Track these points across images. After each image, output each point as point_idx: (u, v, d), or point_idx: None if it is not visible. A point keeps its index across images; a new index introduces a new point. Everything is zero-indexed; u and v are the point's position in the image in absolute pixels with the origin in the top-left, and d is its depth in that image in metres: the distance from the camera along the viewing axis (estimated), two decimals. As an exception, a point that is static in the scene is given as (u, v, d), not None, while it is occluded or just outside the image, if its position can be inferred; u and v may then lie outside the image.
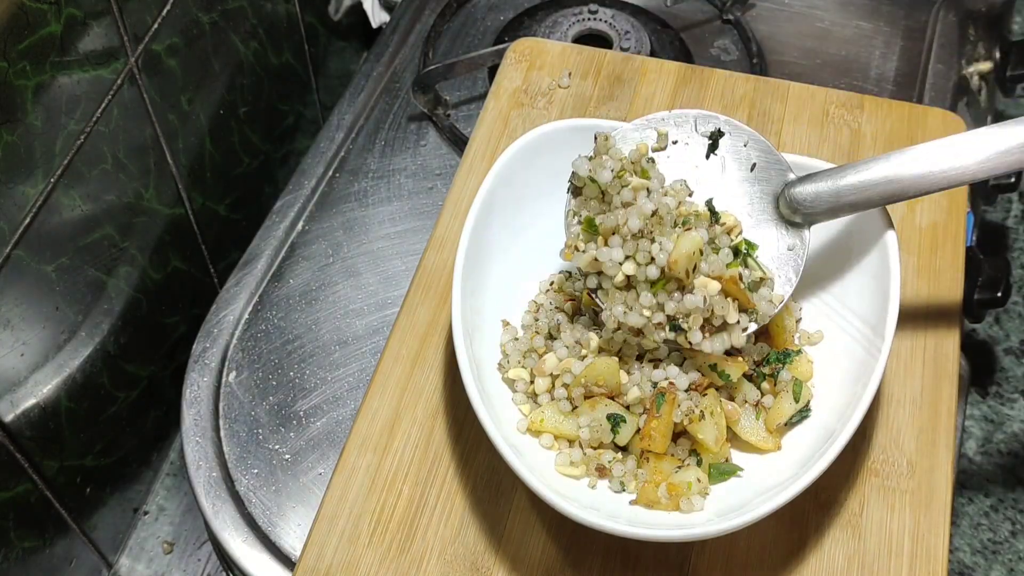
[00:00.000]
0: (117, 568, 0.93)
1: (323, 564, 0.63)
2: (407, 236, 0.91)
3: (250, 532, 0.76)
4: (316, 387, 0.83)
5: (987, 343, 1.13)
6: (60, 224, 0.75)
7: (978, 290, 0.88)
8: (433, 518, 0.64)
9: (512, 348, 0.66)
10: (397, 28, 1.07)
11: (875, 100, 0.81)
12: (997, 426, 1.07)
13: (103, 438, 0.87)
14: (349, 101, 1.01)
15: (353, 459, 0.66)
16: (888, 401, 0.67)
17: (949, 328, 0.70)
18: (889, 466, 0.65)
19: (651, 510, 0.60)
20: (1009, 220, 1.20)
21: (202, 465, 0.79)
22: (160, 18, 0.82)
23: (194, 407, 0.82)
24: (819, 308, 0.68)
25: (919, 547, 0.62)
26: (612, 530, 0.56)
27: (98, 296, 0.82)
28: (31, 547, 0.80)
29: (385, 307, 0.87)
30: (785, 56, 1.04)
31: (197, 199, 0.94)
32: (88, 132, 0.76)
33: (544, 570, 0.62)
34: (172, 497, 0.97)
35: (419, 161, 0.96)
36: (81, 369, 0.82)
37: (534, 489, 0.57)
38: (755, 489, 0.60)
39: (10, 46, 0.66)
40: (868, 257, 0.66)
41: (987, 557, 1.00)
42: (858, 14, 1.07)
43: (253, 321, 0.86)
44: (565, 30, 1.00)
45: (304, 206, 0.93)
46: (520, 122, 0.80)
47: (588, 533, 0.63)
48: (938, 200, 0.75)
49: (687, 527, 0.58)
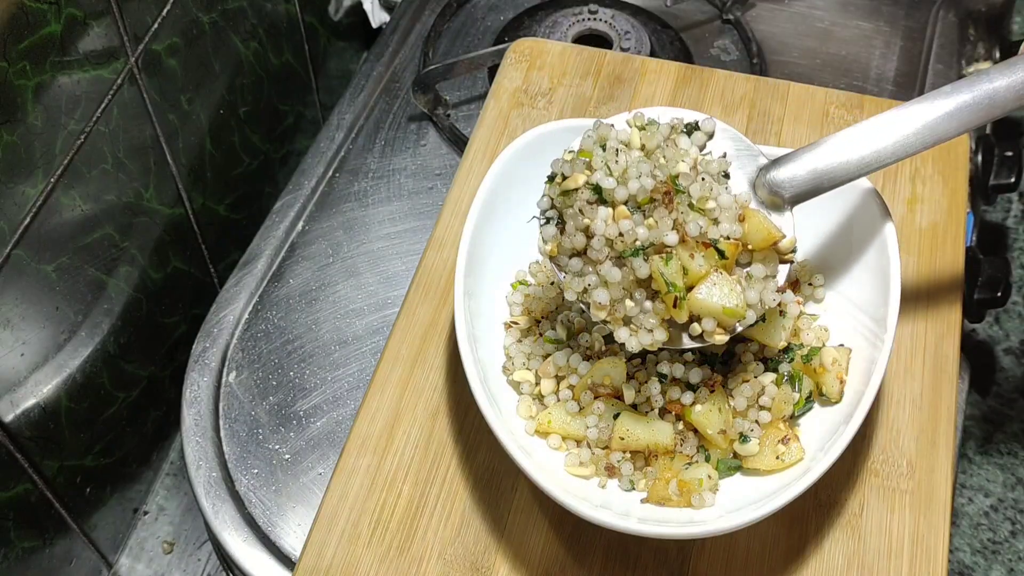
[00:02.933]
0: (117, 568, 0.93)
1: (323, 564, 0.63)
2: (407, 236, 0.91)
3: (250, 532, 0.76)
4: (316, 387, 0.83)
5: (987, 343, 1.13)
6: (60, 224, 0.75)
7: (978, 290, 0.88)
8: (433, 518, 0.64)
9: (516, 350, 0.66)
10: (397, 28, 1.07)
11: (875, 100, 0.81)
12: (997, 426, 1.07)
13: (103, 438, 0.87)
14: (349, 101, 1.01)
15: (353, 459, 0.66)
16: (888, 401, 0.67)
17: (949, 328, 0.70)
18: (889, 466, 0.65)
19: (662, 508, 0.60)
20: (1009, 220, 1.20)
21: (202, 465, 0.79)
22: (160, 18, 0.82)
23: (194, 407, 0.82)
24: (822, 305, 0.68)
25: (919, 547, 0.62)
26: (625, 528, 0.56)
27: (98, 296, 0.82)
28: (31, 547, 0.80)
29: (385, 307, 0.87)
30: (785, 56, 1.04)
31: (197, 199, 0.94)
32: (88, 132, 0.76)
33: (544, 570, 0.63)
34: (172, 497, 0.97)
35: (419, 161, 0.96)
36: (81, 369, 0.82)
37: (546, 491, 0.57)
38: (763, 485, 0.60)
39: (10, 46, 0.66)
40: (868, 252, 0.66)
41: (987, 557, 1.00)
42: (858, 14, 1.07)
43: (253, 321, 0.86)
44: (565, 30, 1.00)
45: (304, 206, 0.93)
46: (520, 122, 0.80)
47: (588, 533, 0.63)
48: (938, 200, 0.76)
49: (699, 523, 0.58)
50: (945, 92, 0.60)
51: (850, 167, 0.61)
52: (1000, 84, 0.59)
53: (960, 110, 0.59)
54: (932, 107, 0.60)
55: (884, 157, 0.60)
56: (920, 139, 0.60)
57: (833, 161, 0.61)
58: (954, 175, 0.77)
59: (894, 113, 0.60)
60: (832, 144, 0.61)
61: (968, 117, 0.59)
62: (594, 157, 0.60)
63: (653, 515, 0.60)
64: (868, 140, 0.60)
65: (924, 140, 0.60)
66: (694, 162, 0.61)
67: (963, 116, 0.59)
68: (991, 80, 0.59)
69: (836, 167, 0.61)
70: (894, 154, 0.60)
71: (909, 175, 0.77)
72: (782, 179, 0.61)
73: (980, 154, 0.97)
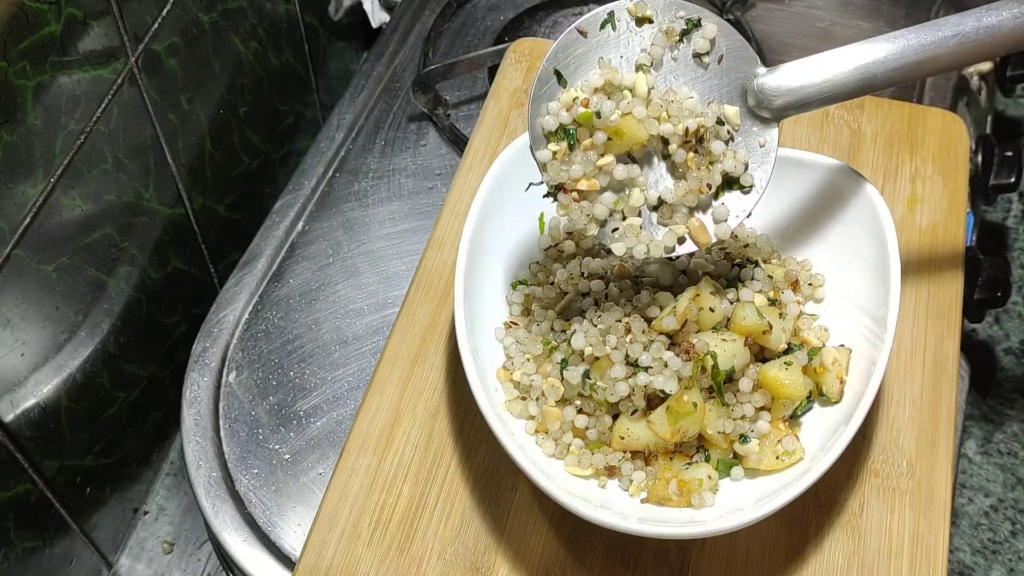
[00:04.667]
0: (117, 568, 0.93)
1: (323, 564, 0.63)
2: (407, 236, 0.91)
3: (250, 532, 0.76)
4: (316, 387, 0.83)
5: (987, 343, 1.13)
6: (60, 224, 0.75)
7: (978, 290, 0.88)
8: (433, 518, 0.64)
9: (516, 350, 0.66)
10: (397, 28, 1.07)
11: (875, 100, 0.81)
12: (997, 426, 1.07)
13: (103, 438, 0.87)
14: (349, 101, 1.01)
15: (353, 459, 0.66)
16: (888, 401, 0.67)
17: (949, 328, 0.70)
18: (889, 466, 0.65)
19: (662, 508, 0.60)
20: (1009, 220, 1.20)
21: (202, 465, 0.79)
22: (160, 18, 0.82)
23: (194, 407, 0.82)
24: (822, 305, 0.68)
25: (919, 547, 0.62)
26: (625, 528, 0.56)
27: (98, 296, 0.82)
28: (31, 547, 0.80)
29: (385, 307, 0.87)
30: (785, 56, 1.04)
31: (197, 199, 0.94)
32: (88, 132, 0.76)
33: (544, 570, 0.62)
34: (172, 497, 0.97)
35: (419, 161, 0.96)
36: (81, 369, 0.82)
37: (546, 491, 0.57)
38: (763, 485, 0.60)
39: (10, 46, 0.66)
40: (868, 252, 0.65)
41: (987, 557, 1.00)
42: (858, 14, 1.07)
43: (253, 321, 0.86)
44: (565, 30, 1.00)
45: (304, 206, 0.93)
46: (520, 122, 0.80)
47: (588, 533, 0.63)
48: (938, 200, 0.76)
49: (699, 523, 0.58)
50: (949, 21, 0.59)
51: (846, 85, 0.60)
52: (1005, 17, 0.58)
53: (961, 40, 0.59)
54: (933, 33, 0.59)
55: (878, 79, 0.60)
56: (917, 65, 0.59)
57: (827, 75, 0.61)
58: (954, 175, 0.77)
59: (894, 35, 0.60)
60: (828, 58, 0.61)
61: (969, 48, 0.59)
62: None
63: (653, 515, 0.60)
64: (864, 59, 0.60)
65: (920, 67, 0.59)
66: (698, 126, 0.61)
67: (964, 46, 0.59)
68: (996, 14, 0.58)
69: (830, 82, 0.61)
70: (889, 78, 0.60)
71: (909, 175, 0.77)
72: (772, 86, 0.61)
73: (980, 154, 0.97)
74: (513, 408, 0.64)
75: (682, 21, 0.62)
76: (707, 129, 0.61)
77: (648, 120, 0.61)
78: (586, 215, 0.61)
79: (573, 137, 0.61)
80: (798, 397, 0.62)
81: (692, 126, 0.61)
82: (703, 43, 0.62)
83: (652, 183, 0.62)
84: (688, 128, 0.61)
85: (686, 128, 0.61)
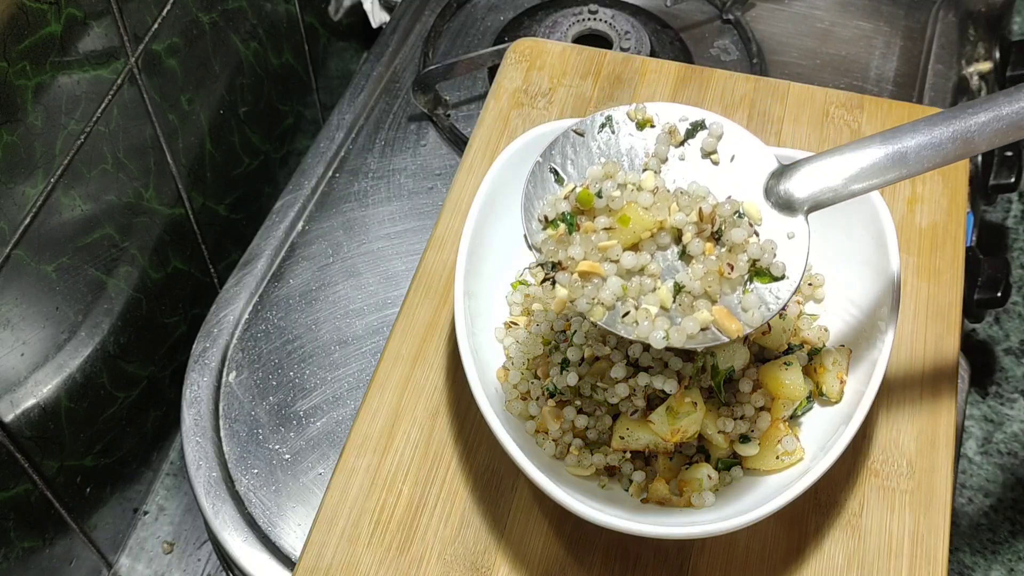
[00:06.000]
0: (117, 568, 0.93)
1: (323, 564, 0.63)
2: (407, 236, 0.91)
3: (250, 532, 0.76)
4: (316, 387, 0.83)
5: (987, 343, 1.13)
6: (60, 224, 0.75)
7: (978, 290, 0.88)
8: (433, 518, 0.64)
9: (516, 350, 0.66)
10: (397, 28, 1.07)
11: (875, 100, 0.81)
12: (997, 426, 1.07)
13: (103, 438, 0.87)
14: (349, 101, 1.01)
15: (353, 459, 0.66)
16: (888, 401, 0.67)
17: (949, 328, 0.70)
18: (889, 466, 0.65)
19: (662, 507, 0.60)
20: (1009, 220, 1.20)
21: (202, 465, 0.79)
22: (160, 18, 0.82)
23: (194, 407, 0.82)
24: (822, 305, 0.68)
25: (919, 547, 0.62)
26: (625, 528, 0.56)
27: (98, 296, 0.82)
28: (31, 547, 0.80)
29: (385, 307, 0.87)
30: (785, 56, 1.04)
31: (197, 199, 0.94)
32: (88, 132, 0.76)
33: (544, 570, 0.62)
34: (172, 497, 0.97)
35: (419, 161, 0.96)
36: (81, 369, 0.82)
37: (546, 491, 0.57)
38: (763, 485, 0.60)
39: (10, 46, 0.66)
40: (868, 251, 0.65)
41: (987, 557, 1.00)
42: (858, 14, 1.07)
43: (253, 321, 0.86)
44: (565, 30, 1.00)
45: (304, 206, 0.93)
46: (520, 122, 0.80)
47: (588, 533, 0.63)
48: (938, 200, 0.76)
49: (699, 523, 0.58)
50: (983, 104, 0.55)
51: (875, 181, 0.56)
52: None
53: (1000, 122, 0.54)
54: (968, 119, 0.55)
55: (912, 167, 0.56)
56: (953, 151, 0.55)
57: (856, 172, 0.56)
58: (954, 175, 0.77)
59: (931, 121, 0.56)
60: (854, 154, 0.56)
61: (1004, 133, 0.54)
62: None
63: (653, 515, 0.60)
64: (896, 148, 0.56)
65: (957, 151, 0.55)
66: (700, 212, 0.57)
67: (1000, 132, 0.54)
68: None
69: (861, 182, 0.56)
70: (922, 168, 0.55)
71: (909, 175, 0.77)
72: (796, 190, 0.57)
73: (980, 154, 0.97)
74: (513, 408, 0.64)
75: (686, 123, 0.59)
76: (725, 220, 0.56)
77: (656, 207, 0.56)
78: (590, 298, 0.55)
79: (572, 220, 0.56)
80: (798, 397, 0.62)
81: (707, 209, 0.56)
82: (712, 141, 0.59)
83: (665, 272, 0.57)
84: (703, 211, 0.55)
85: (700, 212, 0.55)
